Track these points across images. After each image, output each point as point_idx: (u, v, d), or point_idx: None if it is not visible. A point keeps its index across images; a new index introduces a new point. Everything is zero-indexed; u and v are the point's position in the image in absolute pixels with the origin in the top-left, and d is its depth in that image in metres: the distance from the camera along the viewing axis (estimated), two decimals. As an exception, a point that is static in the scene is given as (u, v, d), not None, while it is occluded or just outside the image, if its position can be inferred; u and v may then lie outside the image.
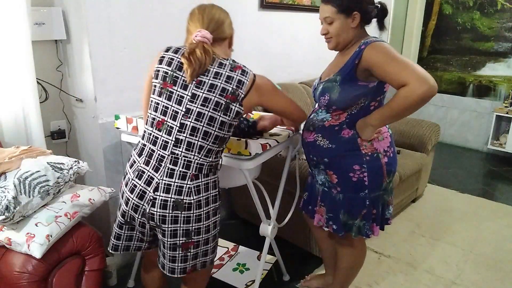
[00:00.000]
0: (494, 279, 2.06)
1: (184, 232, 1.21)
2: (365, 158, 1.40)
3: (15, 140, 1.71)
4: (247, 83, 1.21)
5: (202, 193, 1.21)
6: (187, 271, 1.26)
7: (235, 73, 1.21)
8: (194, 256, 1.26)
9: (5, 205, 1.28)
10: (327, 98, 1.39)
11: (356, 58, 1.31)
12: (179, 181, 1.18)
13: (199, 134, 1.17)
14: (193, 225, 1.21)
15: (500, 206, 2.88)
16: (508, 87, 3.91)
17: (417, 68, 1.20)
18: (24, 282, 1.32)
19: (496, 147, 3.88)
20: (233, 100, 1.20)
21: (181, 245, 1.22)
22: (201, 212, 1.21)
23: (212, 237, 1.29)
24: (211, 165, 1.23)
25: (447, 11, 4.17)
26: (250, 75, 1.23)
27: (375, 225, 1.51)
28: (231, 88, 1.19)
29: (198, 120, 1.17)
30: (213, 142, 1.20)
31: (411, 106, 1.22)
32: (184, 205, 1.18)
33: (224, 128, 1.21)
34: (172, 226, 1.19)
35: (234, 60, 1.27)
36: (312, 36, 2.96)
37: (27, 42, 1.63)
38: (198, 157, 1.19)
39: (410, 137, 2.76)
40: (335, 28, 1.37)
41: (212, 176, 1.25)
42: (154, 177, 1.19)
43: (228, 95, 1.19)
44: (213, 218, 1.27)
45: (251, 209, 2.24)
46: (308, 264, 2.14)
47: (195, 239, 1.23)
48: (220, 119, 1.19)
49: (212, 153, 1.22)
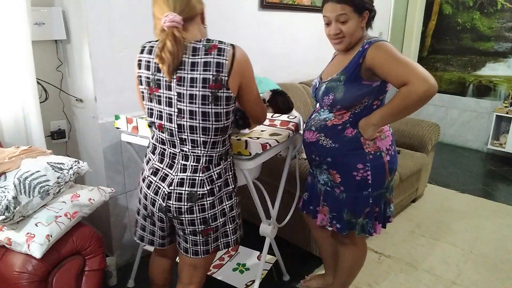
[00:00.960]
0: (494, 279, 2.06)
1: (202, 221, 1.24)
2: (368, 156, 1.40)
3: (15, 140, 1.71)
4: (227, 63, 1.10)
5: (216, 181, 1.23)
6: (210, 252, 1.32)
7: (211, 56, 1.10)
8: (215, 238, 1.30)
9: (5, 205, 1.28)
10: (331, 98, 1.39)
11: (360, 57, 1.31)
12: (192, 174, 1.20)
13: (198, 131, 1.16)
14: (208, 212, 1.23)
15: (500, 206, 2.88)
16: (508, 87, 3.91)
17: (418, 67, 1.21)
18: (24, 282, 1.32)
19: (496, 147, 3.88)
20: (218, 88, 1.11)
21: (200, 232, 1.26)
22: (214, 199, 1.23)
23: (230, 219, 1.31)
24: (221, 154, 1.23)
25: (447, 11, 4.17)
26: (228, 52, 1.10)
27: (377, 223, 1.52)
28: (211, 75, 1.10)
29: (193, 119, 1.15)
30: (215, 135, 1.18)
31: (411, 105, 1.23)
32: (198, 196, 1.21)
33: (221, 118, 1.16)
34: (189, 216, 1.23)
35: (208, 39, 1.14)
36: (312, 36, 2.97)
37: (27, 42, 1.63)
38: (205, 151, 1.19)
39: (410, 137, 2.76)
40: (350, 28, 1.33)
41: (224, 162, 1.25)
42: (169, 173, 1.22)
43: (211, 84, 1.10)
44: (228, 202, 1.29)
45: (251, 209, 2.24)
46: (308, 264, 2.14)
47: (213, 225, 1.26)
48: (213, 111, 1.13)
49: (218, 144, 1.20)
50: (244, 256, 2.04)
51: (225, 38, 2.38)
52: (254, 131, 1.67)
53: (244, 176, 1.50)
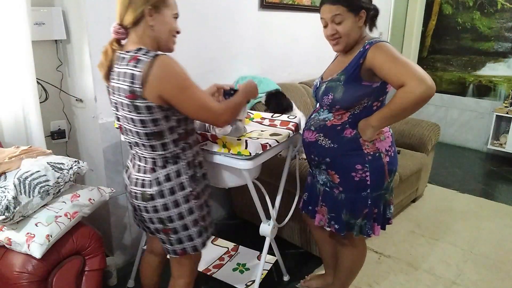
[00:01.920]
0: (494, 279, 2.06)
1: (158, 220, 1.30)
2: (367, 157, 1.40)
3: (15, 140, 1.71)
4: (140, 74, 1.10)
5: (163, 184, 1.26)
6: (178, 253, 1.36)
7: (128, 67, 1.12)
8: (178, 240, 1.33)
9: (5, 205, 1.28)
10: (330, 98, 1.39)
11: (361, 57, 1.31)
12: (142, 175, 1.28)
13: (135, 135, 1.23)
14: (162, 213, 1.28)
15: (500, 206, 2.88)
16: (508, 87, 3.91)
17: (416, 68, 1.20)
18: (24, 282, 1.32)
19: (496, 147, 3.88)
20: (134, 98, 1.13)
21: (161, 230, 1.32)
22: (167, 201, 1.27)
23: (191, 222, 1.31)
24: (165, 157, 1.25)
25: (447, 11, 4.17)
26: (144, 64, 1.10)
27: (376, 225, 1.51)
28: (127, 86, 1.13)
29: (129, 123, 1.22)
30: (148, 139, 1.21)
31: (409, 106, 1.22)
32: (147, 196, 1.27)
33: (147, 125, 1.17)
34: (146, 214, 1.31)
35: (140, 48, 1.15)
36: (312, 36, 2.96)
37: (27, 42, 1.63)
38: (147, 153, 1.25)
39: (410, 137, 2.76)
40: (345, 28, 1.33)
41: (171, 166, 1.26)
42: (131, 173, 1.33)
43: (128, 94, 1.14)
44: (186, 205, 1.29)
45: (251, 209, 2.24)
46: (308, 264, 2.14)
47: (170, 226, 1.30)
48: (137, 118, 1.17)
49: (157, 147, 1.23)
50: (244, 256, 2.04)
51: (225, 38, 2.41)
52: (254, 131, 1.67)
53: (244, 176, 1.50)
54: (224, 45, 2.37)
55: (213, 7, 2.24)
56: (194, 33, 2.17)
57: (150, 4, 1.15)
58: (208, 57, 2.28)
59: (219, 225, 2.57)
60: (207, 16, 2.22)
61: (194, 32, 2.17)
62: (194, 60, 2.21)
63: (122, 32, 1.18)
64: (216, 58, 2.34)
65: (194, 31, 2.17)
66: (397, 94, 1.23)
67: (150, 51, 1.14)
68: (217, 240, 2.17)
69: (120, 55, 1.18)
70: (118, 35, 1.19)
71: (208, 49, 2.28)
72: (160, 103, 1.15)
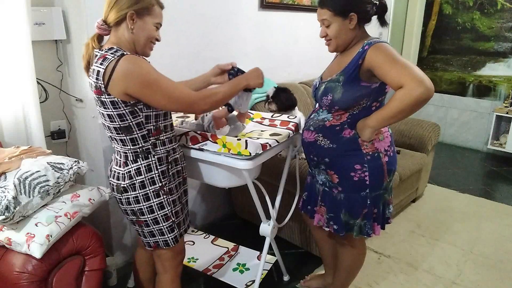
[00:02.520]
0: (494, 279, 2.06)
1: (131, 212, 1.36)
2: (366, 157, 1.40)
3: (15, 140, 1.71)
4: (104, 71, 1.16)
5: (135, 177, 1.30)
6: (151, 246, 1.41)
7: (96, 64, 1.19)
8: (150, 233, 1.38)
9: (5, 205, 1.28)
10: (329, 98, 1.39)
11: (360, 58, 1.31)
12: (118, 168, 1.33)
13: (107, 129, 1.29)
14: (134, 206, 1.33)
15: (500, 206, 2.88)
16: (508, 87, 3.91)
17: (414, 70, 1.20)
18: (24, 282, 1.32)
19: (496, 147, 3.88)
20: (100, 94, 1.20)
21: (135, 222, 1.38)
22: (138, 194, 1.32)
23: (161, 217, 1.36)
24: (135, 152, 1.29)
25: (447, 11, 4.17)
26: (109, 63, 1.15)
27: (376, 224, 1.51)
28: (93, 81, 1.20)
29: (102, 118, 1.28)
30: (117, 133, 1.27)
31: (407, 108, 1.22)
32: (121, 188, 1.32)
33: (114, 119, 1.23)
34: (121, 206, 1.37)
35: (112, 48, 1.20)
36: (312, 36, 2.96)
37: (27, 42, 1.63)
38: (119, 147, 1.31)
39: (410, 137, 2.76)
40: (333, 31, 1.37)
41: (142, 161, 1.30)
42: (112, 165, 1.38)
43: (94, 90, 1.21)
44: (156, 200, 1.33)
45: (251, 209, 2.24)
46: (308, 264, 2.14)
47: (142, 219, 1.35)
48: (105, 113, 1.24)
49: (126, 142, 1.28)
50: (244, 256, 2.04)
51: (225, 38, 2.40)
52: (254, 131, 1.67)
53: (244, 176, 1.50)
54: (224, 45, 2.37)
55: (213, 7, 2.24)
56: (194, 33, 2.17)
57: (133, 9, 1.20)
58: (208, 57, 2.28)
59: (219, 225, 2.57)
60: (207, 16, 2.22)
61: (194, 32, 2.17)
62: (194, 60, 2.21)
63: (105, 29, 1.24)
64: (216, 58, 2.34)
65: (194, 31, 2.17)
66: (396, 96, 1.23)
67: (119, 50, 1.20)
68: (217, 240, 2.17)
69: (95, 53, 1.23)
70: (100, 31, 1.25)
71: (208, 49, 2.28)
72: (126, 98, 1.19)
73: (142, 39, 1.25)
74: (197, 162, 1.57)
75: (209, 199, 2.55)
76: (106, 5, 1.22)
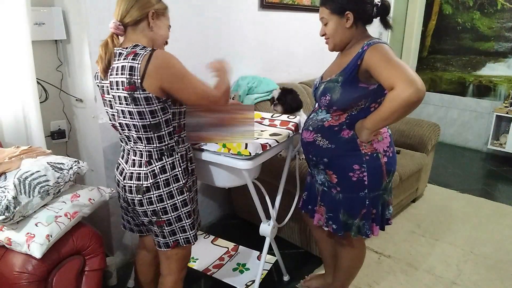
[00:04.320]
0: (494, 279, 2.06)
1: (152, 212, 1.33)
2: (365, 157, 1.40)
3: (15, 140, 1.71)
4: (139, 66, 1.17)
5: (159, 176, 1.30)
6: (170, 246, 1.39)
7: (127, 61, 1.19)
8: (172, 232, 1.37)
9: (5, 205, 1.28)
10: (328, 99, 1.39)
11: (358, 59, 1.31)
12: (138, 168, 1.32)
13: (132, 128, 1.27)
14: (157, 205, 1.32)
15: (500, 206, 2.88)
16: (508, 87, 3.91)
17: (406, 71, 1.18)
18: (24, 282, 1.32)
19: (496, 147, 3.88)
20: (133, 90, 1.19)
21: (155, 223, 1.36)
22: (162, 193, 1.31)
23: (184, 214, 1.36)
24: (161, 150, 1.30)
25: (447, 11, 4.17)
26: (143, 57, 1.17)
27: (375, 225, 1.51)
28: (125, 78, 1.19)
29: (125, 117, 1.26)
30: (145, 131, 1.26)
31: (398, 109, 1.20)
32: (143, 189, 1.31)
33: (145, 116, 1.23)
34: (141, 208, 1.34)
35: (137, 44, 1.22)
36: (312, 36, 2.96)
37: (27, 42, 1.63)
38: (143, 146, 1.29)
39: (410, 137, 2.76)
40: (329, 29, 1.39)
41: (167, 158, 1.31)
42: (124, 168, 1.36)
43: (126, 86, 1.19)
44: (180, 197, 1.34)
45: (251, 209, 2.24)
46: (308, 264, 2.14)
47: (164, 218, 1.34)
48: (135, 110, 1.22)
49: (153, 140, 1.28)
50: (244, 256, 2.04)
51: (225, 38, 2.40)
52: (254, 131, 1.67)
53: (244, 176, 1.51)
54: (224, 45, 2.37)
55: (213, 7, 2.24)
56: (194, 33, 2.17)
57: (154, 9, 1.25)
58: (208, 57, 2.27)
59: (219, 225, 2.57)
60: (207, 16, 2.22)
61: (194, 32, 2.17)
62: (194, 60, 2.20)
63: (122, 29, 1.25)
64: (216, 58, 2.33)
65: (194, 31, 2.17)
66: (387, 97, 1.22)
67: (146, 47, 1.22)
68: (217, 240, 2.17)
69: (117, 51, 1.24)
70: (117, 31, 1.25)
71: (208, 49, 2.28)
72: (159, 94, 1.21)
73: (160, 38, 1.30)
74: (197, 162, 1.57)
75: (209, 199, 2.55)
76: (123, 5, 1.22)
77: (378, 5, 1.37)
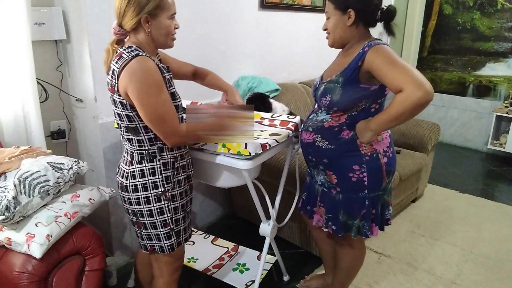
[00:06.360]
0: (494, 279, 2.06)
1: (131, 212, 1.36)
2: (364, 158, 1.40)
3: (15, 140, 1.71)
4: (117, 71, 1.16)
5: (138, 179, 1.30)
6: (147, 249, 1.41)
7: (113, 63, 1.20)
8: (148, 237, 1.38)
9: (5, 205, 1.28)
10: (328, 99, 1.39)
11: (359, 59, 1.30)
12: (124, 166, 1.34)
13: (121, 127, 1.30)
14: (135, 207, 1.33)
15: (500, 206, 2.88)
16: (508, 87, 3.91)
17: (414, 73, 1.19)
18: (24, 282, 1.32)
19: (496, 147, 3.88)
20: (113, 92, 1.21)
21: (135, 223, 1.39)
22: (139, 196, 1.31)
23: (160, 222, 1.34)
24: (141, 154, 1.29)
25: (447, 11, 4.17)
26: (123, 62, 1.15)
27: (374, 225, 1.51)
28: (110, 80, 1.21)
29: (115, 117, 1.30)
30: (127, 133, 1.28)
31: (407, 111, 1.21)
32: (124, 187, 1.33)
33: (123, 119, 1.25)
34: (124, 205, 1.37)
35: (130, 46, 1.20)
36: (312, 36, 2.97)
37: (27, 42, 1.63)
38: (128, 146, 1.32)
39: (410, 137, 2.76)
40: (330, 25, 1.39)
41: (147, 163, 1.30)
42: (120, 164, 1.39)
43: (109, 88, 1.23)
44: (156, 204, 1.32)
45: (251, 209, 2.24)
46: (308, 264, 2.14)
47: (141, 221, 1.35)
48: (116, 112, 1.26)
49: (133, 142, 1.28)
50: (244, 256, 2.04)
51: (225, 38, 2.41)
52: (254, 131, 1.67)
53: (244, 176, 1.50)
54: (224, 45, 2.37)
55: (213, 7, 2.24)
56: (194, 33, 2.17)
57: (145, 12, 1.18)
58: (208, 57, 2.28)
59: (219, 225, 2.57)
60: (207, 16, 2.22)
61: (194, 32, 2.17)
62: (194, 60, 2.20)
63: (122, 33, 1.25)
64: (216, 58, 2.34)
65: (194, 31, 2.17)
66: (395, 99, 1.22)
67: (136, 50, 1.19)
68: (217, 240, 2.17)
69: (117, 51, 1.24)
70: (118, 36, 1.26)
71: (208, 49, 2.28)
72: (129, 101, 1.20)
73: (161, 37, 1.26)
74: (197, 162, 1.57)
75: (209, 199, 2.55)
76: (117, 12, 1.20)
77: (383, 9, 1.36)
